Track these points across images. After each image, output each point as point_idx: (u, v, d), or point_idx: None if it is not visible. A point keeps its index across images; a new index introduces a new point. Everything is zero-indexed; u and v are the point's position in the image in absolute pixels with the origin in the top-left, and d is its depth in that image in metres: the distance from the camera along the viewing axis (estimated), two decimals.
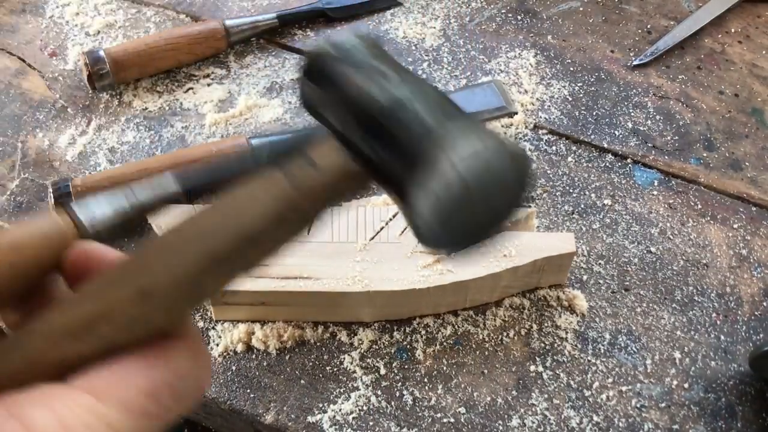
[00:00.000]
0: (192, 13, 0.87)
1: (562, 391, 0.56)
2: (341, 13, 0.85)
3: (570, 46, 0.82)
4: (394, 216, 0.60)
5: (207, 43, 0.79)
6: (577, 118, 0.75)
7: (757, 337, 0.59)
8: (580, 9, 0.86)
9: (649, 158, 0.71)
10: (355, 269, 0.57)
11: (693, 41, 0.82)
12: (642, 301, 0.61)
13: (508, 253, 0.58)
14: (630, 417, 0.55)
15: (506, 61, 0.80)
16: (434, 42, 0.82)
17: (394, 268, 0.57)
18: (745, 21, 0.84)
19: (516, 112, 0.75)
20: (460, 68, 0.80)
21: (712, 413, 0.55)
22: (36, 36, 0.84)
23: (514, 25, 0.84)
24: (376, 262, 0.58)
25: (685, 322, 0.60)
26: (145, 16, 0.86)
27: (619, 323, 0.60)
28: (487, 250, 0.31)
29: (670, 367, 0.58)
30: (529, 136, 0.73)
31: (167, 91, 0.78)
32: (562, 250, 0.58)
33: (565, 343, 0.59)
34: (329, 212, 0.32)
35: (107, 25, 0.85)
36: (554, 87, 0.77)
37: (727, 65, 0.79)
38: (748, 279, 0.63)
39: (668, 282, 0.62)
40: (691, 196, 0.68)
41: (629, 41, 0.82)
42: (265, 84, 0.79)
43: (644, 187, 0.69)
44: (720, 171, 0.70)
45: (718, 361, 0.58)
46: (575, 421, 0.55)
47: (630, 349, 0.59)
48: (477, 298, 0.60)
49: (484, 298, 0.60)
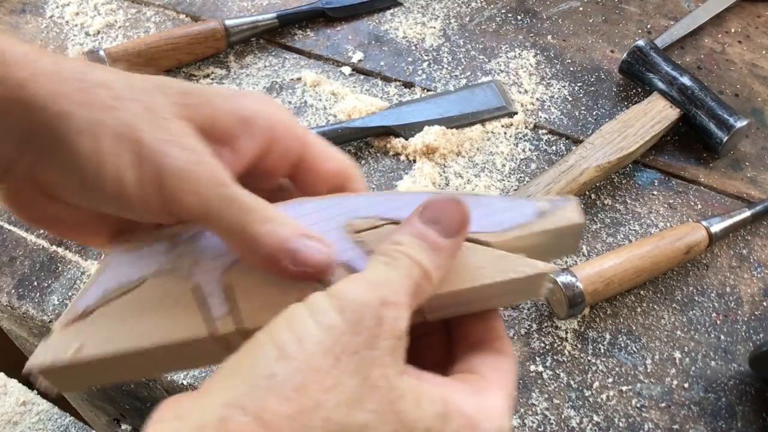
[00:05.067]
0: (192, 13, 0.87)
1: (562, 390, 0.56)
2: (341, 13, 0.85)
3: (570, 46, 0.82)
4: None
5: (207, 43, 0.79)
6: (577, 118, 0.75)
7: (757, 336, 0.59)
8: (580, 9, 0.86)
9: (649, 158, 0.71)
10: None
11: (693, 41, 0.82)
12: (642, 301, 0.61)
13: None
14: (630, 417, 0.55)
15: (506, 61, 0.80)
16: (434, 42, 0.82)
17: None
18: (745, 21, 0.84)
19: (516, 112, 0.75)
20: (460, 68, 0.80)
21: (712, 413, 0.55)
22: (36, 36, 0.84)
23: (514, 25, 0.84)
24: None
25: (685, 321, 0.60)
26: (145, 16, 0.86)
27: (619, 323, 0.60)
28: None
29: (670, 367, 0.58)
30: (529, 136, 0.73)
31: None
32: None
33: (565, 343, 0.59)
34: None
35: (107, 25, 0.85)
36: (554, 87, 0.77)
37: (727, 65, 0.79)
38: (748, 279, 0.63)
39: (668, 282, 0.62)
40: (691, 196, 0.68)
41: (629, 41, 0.82)
42: (264, 84, 0.79)
43: (644, 187, 0.69)
44: (720, 171, 0.70)
45: (718, 361, 0.58)
46: (575, 420, 0.55)
47: (630, 348, 0.59)
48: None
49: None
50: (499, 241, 0.36)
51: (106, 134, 0.33)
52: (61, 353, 0.36)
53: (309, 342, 0.27)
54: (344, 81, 0.79)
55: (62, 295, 0.63)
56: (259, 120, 0.37)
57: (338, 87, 0.78)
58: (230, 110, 0.36)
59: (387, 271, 0.31)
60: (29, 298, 0.63)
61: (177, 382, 0.58)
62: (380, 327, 0.28)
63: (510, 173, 0.70)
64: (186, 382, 0.57)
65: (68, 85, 0.33)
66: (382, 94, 0.77)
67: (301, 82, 0.79)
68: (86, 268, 0.65)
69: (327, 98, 0.77)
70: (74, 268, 0.65)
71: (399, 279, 0.30)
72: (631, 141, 0.67)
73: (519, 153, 0.72)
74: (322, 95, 0.77)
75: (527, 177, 0.69)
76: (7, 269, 0.65)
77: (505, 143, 0.72)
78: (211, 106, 0.35)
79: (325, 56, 0.82)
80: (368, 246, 0.36)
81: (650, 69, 0.73)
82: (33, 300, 0.63)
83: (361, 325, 0.28)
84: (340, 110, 0.75)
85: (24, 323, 0.66)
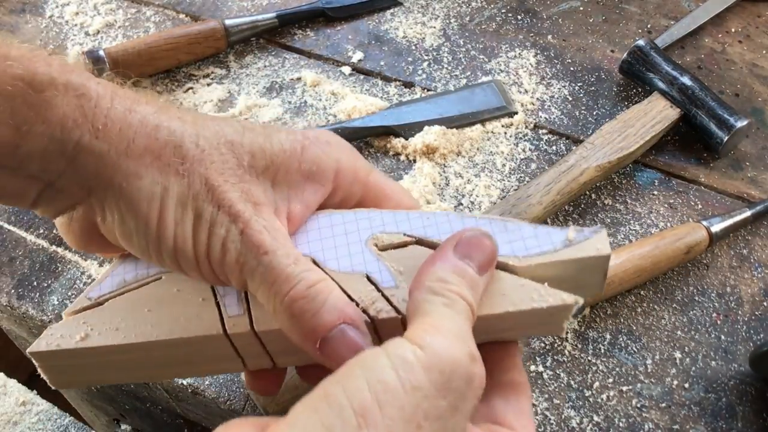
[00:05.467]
0: (192, 13, 0.87)
1: (563, 391, 0.56)
2: (341, 13, 0.85)
3: (570, 45, 0.82)
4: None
5: (207, 42, 0.79)
6: (577, 118, 0.75)
7: (757, 336, 0.59)
8: (581, 9, 0.86)
9: (649, 158, 0.71)
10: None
11: (693, 41, 0.82)
12: (642, 301, 0.61)
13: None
14: (630, 417, 0.55)
15: (506, 61, 0.80)
16: (434, 42, 0.82)
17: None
18: (745, 20, 0.84)
19: (516, 112, 0.75)
20: (460, 68, 0.79)
21: (712, 413, 0.55)
22: (36, 36, 0.84)
23: (514, 24, 0.84)
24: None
25: (686, 321, 0.60)
26: (145, 15, 0.86)
27: (620, 323, 0.60)
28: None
29: (671, 367, 0.58)
30: (529, 136, 0.73)
31: (167, 91, 0.78)
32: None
33: (565, 343, 0.59)
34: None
35: (107, 24, 0.85)
36: (554, 87, 0.77)
37: (727, 65, 0.79)
38: (749, 279, 0.63)
39: (668, 282, 0.62)
40: (691, 195, 0.68)
41: (629, 41, 0.82)
42: (264, 84, 0.78)
43: (645, 187, 0.69)
44: (720, 171, 0.70)
45: (718, 361, 0.58)
46: (575, 421, 0.55)
47: (630, 349, 0.58)
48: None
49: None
50: (523, 266, 0.35)
51: (172, 203, 0.34)
52: (66, 339, 0.36)
53: (391, 407, 0.25)
54: (344, 81, 0.79)
55: (62, 295, 0.63)
56: (326, 171, 0.38)
57: (338, 87, 0.78)
58: (297, 168, 0.37)
59: (455, 316, 0.30)
60: (29, 298, 0.63)
61: (177, 382, 0.58)
62: (469, 387, 0.27)
63: (510, 173, 0.70)
64: (186, 383, 0.57)
65: (139, 141, 0.34)
66: (382, 94, 0.77)
67: (301, 82, 0.79)
68: (86, 268, 0.65)
69: (327, 98, 0.77)
70: (74, 268, 0.65)
71: (466, 325, 0.30)
72: (631, 141, 0.67)
73: (519, 153, 0.72)
74: (322, 95, 0.77)
75: (527, 177, 0.69)
76: (7, 269, 0.65)
77: (505, 143, 0.72)
78: (277, 164, 0.36)
79: (325, 56, 0.82)
80: (390, 261, 0.36)
81: (650, 69, 0.73)
82: (33, 300, 0.63)
83: (449, 387, 0.26)
84: (340, 110, 0.75)
85: (24, 323, 0.66)
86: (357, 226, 0.38)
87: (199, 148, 0.34)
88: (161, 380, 0.61)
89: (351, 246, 0.37)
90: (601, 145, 0.67)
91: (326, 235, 0.38)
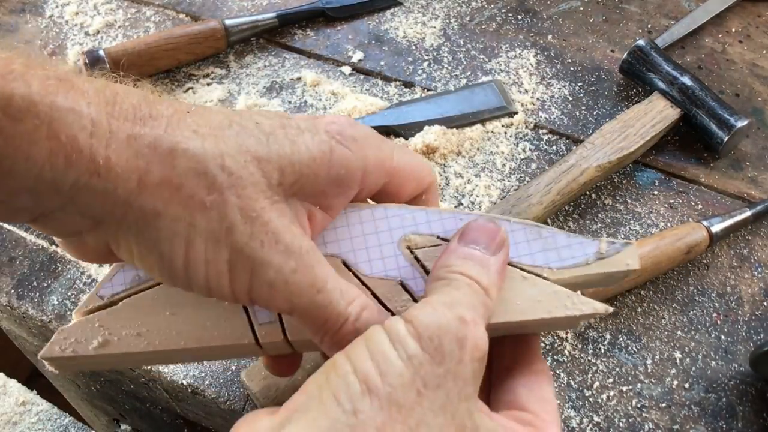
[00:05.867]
0: (192, 13, 0.87)
1: (563, 391, 0.56)
2: (341, 13, 0.85)
3: (570, 45, 0.82)
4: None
5: (207, 42, 0.79)
6: (577, 118, 0.75)
7: (757, 336, 0.59)
8: (581, 8, 0.86)
9: (649, 158, 0.71)
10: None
11: (693, 41, 0.82)
12: (642, 301, 0.61)
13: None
14: (630, 417, 0.55)
15: (506, 61, 0.80)
16: (434, 42, 0.82)
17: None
18: (745, 20, 0.84)
19: (516, 112, 0.75)
20: (460, 68, 0.79)
21: (712, 413, 0.55)
22: (36, 36, 0.84)
23: (515, 24, 0.84)
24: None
25: (686, 321, 0.60)
26: (145, 15, 0.86)
27: (620, 323, 0.60)
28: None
29: (671, 367, 0.58)
30: (529, 136, 0.73)
31: (167, 91, 0.78)
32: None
33: (565, 343, 0.59)
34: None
35: (107, 24, 0.85)
36: (554, 87, 0.77)
37: (727, 65, 0.79)
38: (749, 279, 0.63)
39: (669, 282, 0.62)
40: (691, 196, 0.68)
41: (630, 41, 0.82)
42: (264, 84, 0.78)
43: (645, 187, 0.69)
44: (721, 171, 0.70)
45: (718, 361, 0.58)
46: (575, 421, 0.55)
47: (630, 349, 0.58)
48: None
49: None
50: (556, 278, 0.36)
51: (201, 241, 0.30)
52: (82, 345, 0.34)
53: (391, 375, 0.27)
54: (344, 81, 0.79)
55: (62, 295, 0.63)
56: (354, 174, 0.35)
57: (338, 87, 0.77)
58: (326, 174, 0.34)
59: (451, 291, 0.30)
60: (29, 298, 0.63)
61: (177, 383, 0.58)
62: (463, 350, 0.28)
63: (510, 173, 0.70)
64: (186, 383, 0.57)
65: (153, 172, 0.29)
66: (382, 93, 0.77)
67: (301, 82, 0.79)
68: (86, 268, 0.64)
69: (327, 98, 0.77)
70: (74, 268, 0.65)
71: (466, 297, 0.30)
72: (631, 141, 0.67)
73: (519, 153, 0.72)
74: (322, 95, 0.77)
75: (527, 177, 0.69)
76: (7, 269, 0.65)
77: (505, 143, 0.72)
78: (306, 175, 0.33)
79: (325, 56, 0.82)
80: (423, 264, 0.36)
81: (651, 69, 0.73)
82: (32, 300, 0.63)
83: (442, 351, 0.27)
84: (340, 110, 0.75)
85: (23, 323, 0.66)
86: (388, 225, 0.37)
87: (226, 171, 0.30)
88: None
89: (383, 248, 0.36)
90: (602, 145, 0.67)
91: (356, 234, 0.37)
